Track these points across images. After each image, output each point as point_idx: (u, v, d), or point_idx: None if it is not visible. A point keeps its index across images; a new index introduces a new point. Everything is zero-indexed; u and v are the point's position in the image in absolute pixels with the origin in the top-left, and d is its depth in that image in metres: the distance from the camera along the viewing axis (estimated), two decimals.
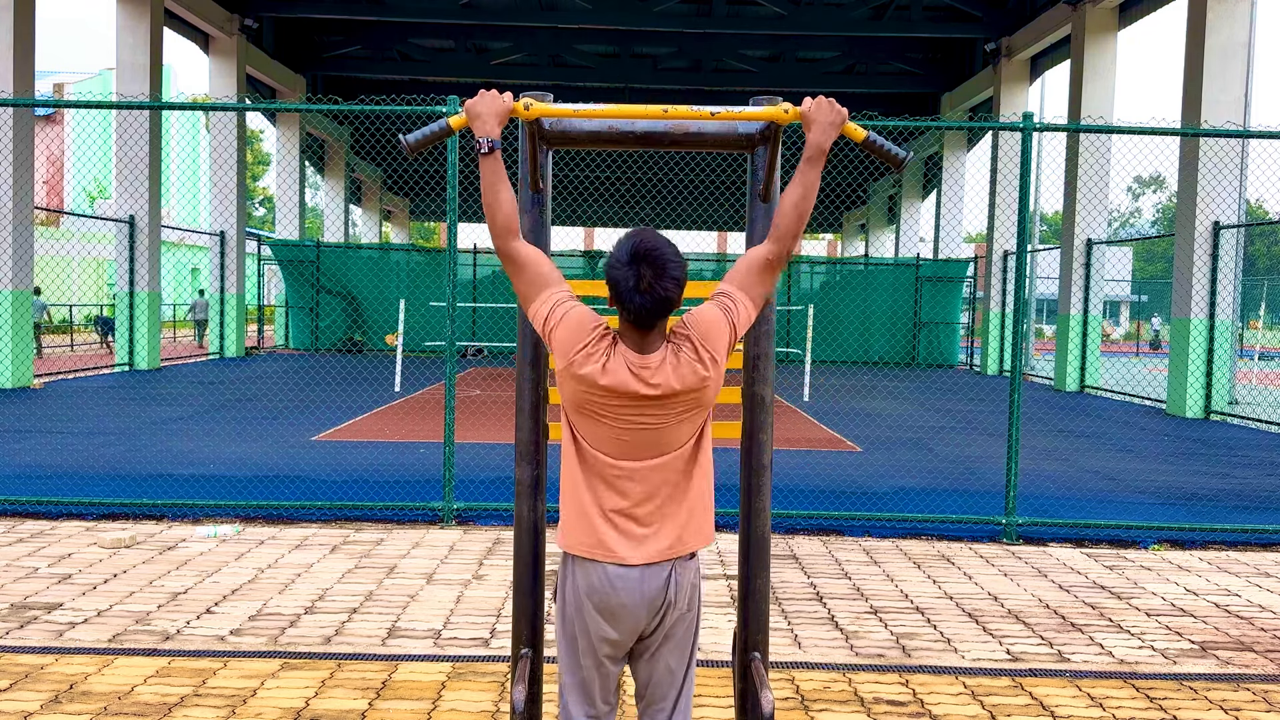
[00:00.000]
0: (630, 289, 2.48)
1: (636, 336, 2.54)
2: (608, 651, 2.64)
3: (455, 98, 5.93)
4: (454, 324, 6.26)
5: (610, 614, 2.59)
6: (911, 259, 24.44)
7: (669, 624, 2.63)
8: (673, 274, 2.51)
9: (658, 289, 2.48)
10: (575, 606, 2.63)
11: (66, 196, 49.18)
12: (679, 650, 2.69)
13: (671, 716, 2.74)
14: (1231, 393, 14.99)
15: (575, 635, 2.65)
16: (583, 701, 2.69)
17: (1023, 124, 6.31)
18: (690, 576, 2.63)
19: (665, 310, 2.51)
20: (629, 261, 2.50)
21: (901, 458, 9.17)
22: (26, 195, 13.78)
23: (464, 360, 22.08)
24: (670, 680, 2.71)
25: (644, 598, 2.58)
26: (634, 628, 2.62)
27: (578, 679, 2.68)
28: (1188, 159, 13.98)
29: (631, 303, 2.49)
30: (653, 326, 2.53)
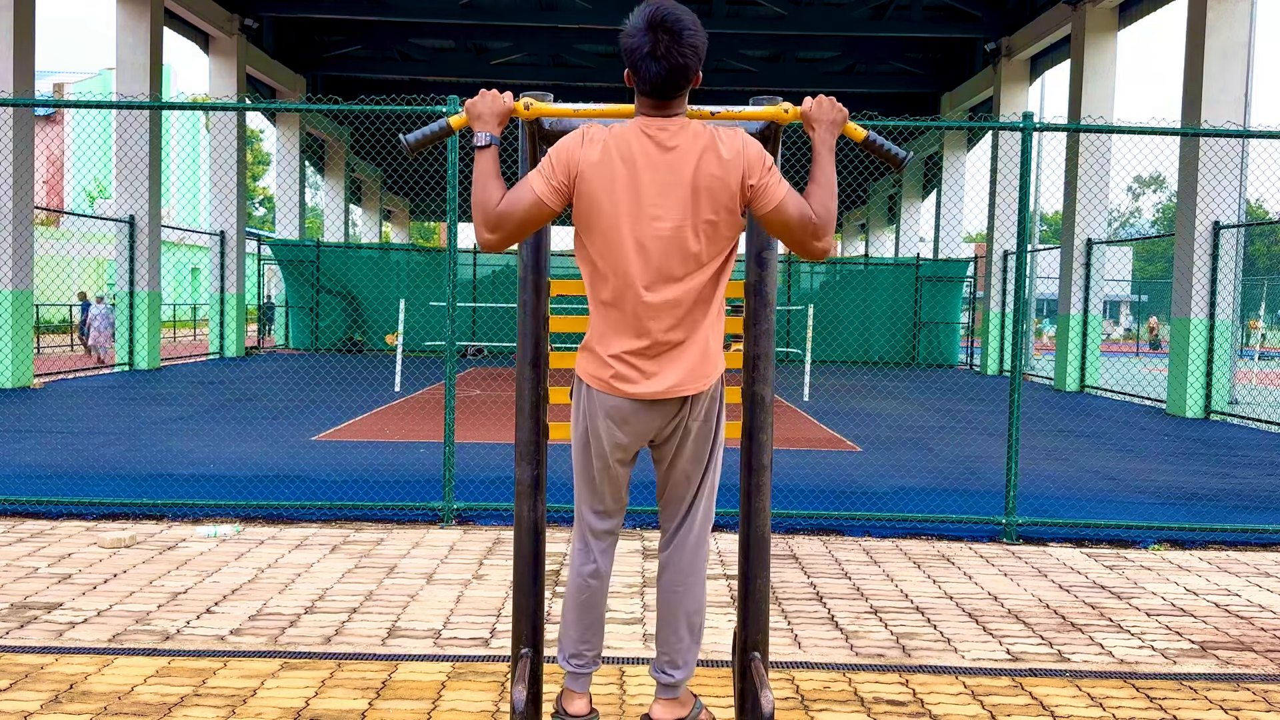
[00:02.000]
0: (645, 55, 2.42)
1: (654, 108, 2.48)
2: (618, 456, 2.71)
3: (455, 98, 5.92)
4: (454, 324, 6.26)
5: (622, 420, 2.65)
6: (911, 259, 24.44)
7: (681, 435, 2.68)
8: (690, 41, 2.44)
9: (674, 55, 2.41)
10: (588, 413, 2.69)
11: (66, 196, 49.17)
12: (694, 458, 2.74)
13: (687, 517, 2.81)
14: (1231, 393, 15.00)
15: (587, 438, 2.72)
16: (591, 498, 2.79)
17: (1023, 124, 6.31)
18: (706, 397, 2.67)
19: (683, 78, 2.44)
20: (645, 28, 2.43)
21: (901, 458, 9.17)
22: (26, 195, 13.77)
23: (464, 360, 22.08)
24: (686, 484, 2.78)
25: (657, 416, 2.64)
26: (644, 432, 2.68)
27: (588, 477, 2.77)
28: (1188, 159, 13.97)
29: (648, 70, 2.43)
30: (671, 96, 2.46)
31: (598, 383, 2.62)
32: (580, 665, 2.87)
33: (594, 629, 2.88)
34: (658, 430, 2.67)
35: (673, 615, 2.85)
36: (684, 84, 2.45)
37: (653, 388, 2.59)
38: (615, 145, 2.48)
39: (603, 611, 2.89)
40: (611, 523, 2.84)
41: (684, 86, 2.46)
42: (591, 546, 2.84)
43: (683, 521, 2.82)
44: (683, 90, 2.47)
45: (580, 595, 2.84)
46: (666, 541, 2.87)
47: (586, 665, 2.89)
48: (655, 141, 2.45)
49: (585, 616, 2.85)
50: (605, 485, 2.75)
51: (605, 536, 2.84)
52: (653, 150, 2.46)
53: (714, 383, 2.70)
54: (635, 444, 2.69)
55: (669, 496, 2.79)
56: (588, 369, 2.66)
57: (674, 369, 2.61)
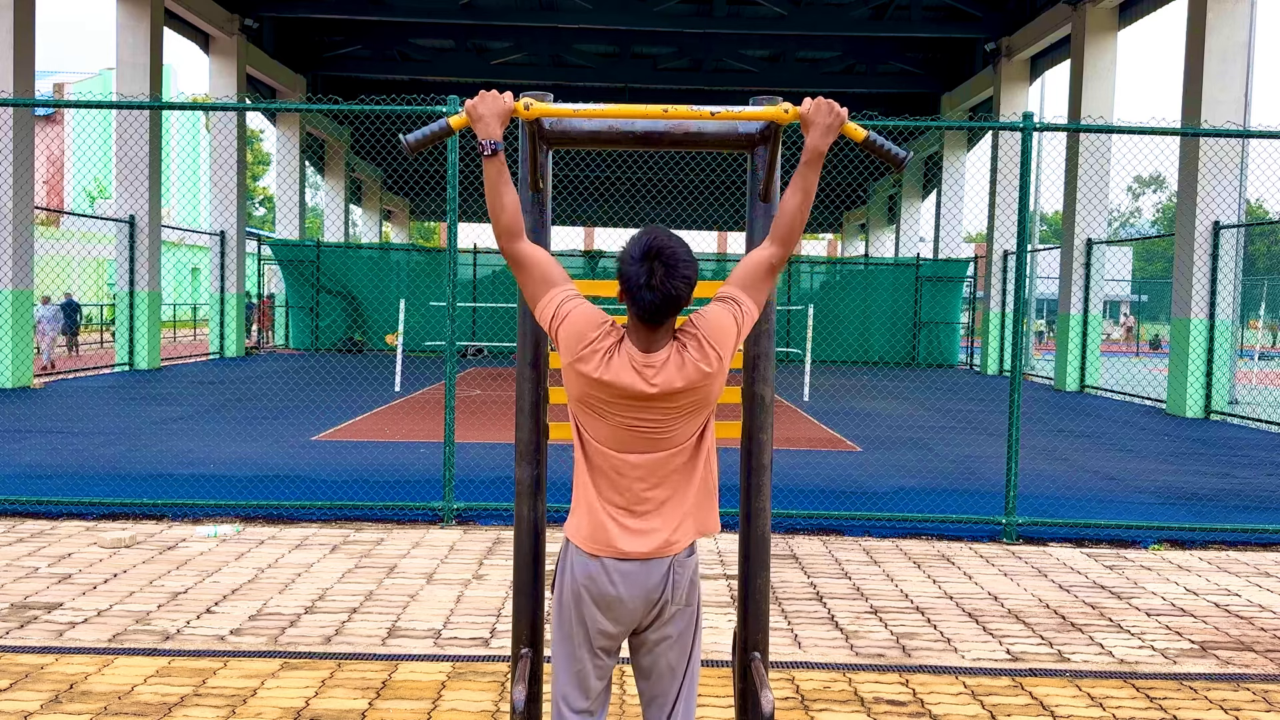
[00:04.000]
0: (641, 285, 2.49)
1: (644, 333, 2.55)
2: (603, 644, 2.65)
3: (455, 98, 5.92)
4: (454, 324, 6.26)
5: (607, 605, 2.60)
6: (911, 259, 24.44)
7: (666, 618, 2.64)
8: (683, 273, 2.52)
9: (668, 286, 2.49)
10: (573, 596, 2.63)
11: (66, 196, 49.18)
12: (679, 647, 2.69)
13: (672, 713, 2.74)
14: (1231, 393, 15.00)
15: (571, 626, 2.66)
16: (577, 693, 2.70)
17: (1023, 124, 6.31)
18: (688, 573, 2.64)
19: (674, 308, 2.52)
20: (641, 258, 2.51)
21: (901, 458, 9.17)
22: (26, 195, 13.78)
23: (464, 360, 22.07)
24: (671, 677, 2.71)
25: (641, 590, 2.59)
26: (630, 620, 2.63)
27: (572, 670, 2.69)
28: (1188, 159, 13.98)
29: (641, 299, 2.50)
30: (661, 324, 2.54)
31: (586, 541, 2.61)
32: None
33: None
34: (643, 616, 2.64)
35: None
36: (675, 312, 2.56)
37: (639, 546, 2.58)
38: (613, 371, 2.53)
39: None
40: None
41: (675, 313, 2.55)
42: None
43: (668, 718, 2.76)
44: (673, 316, 2.56)
45: None
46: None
47: None
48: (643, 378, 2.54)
49: None
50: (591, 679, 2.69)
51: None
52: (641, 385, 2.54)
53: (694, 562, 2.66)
54: (622, 633, 2.66)
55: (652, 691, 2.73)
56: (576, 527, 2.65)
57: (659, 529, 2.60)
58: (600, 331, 2.56)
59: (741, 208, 34.05)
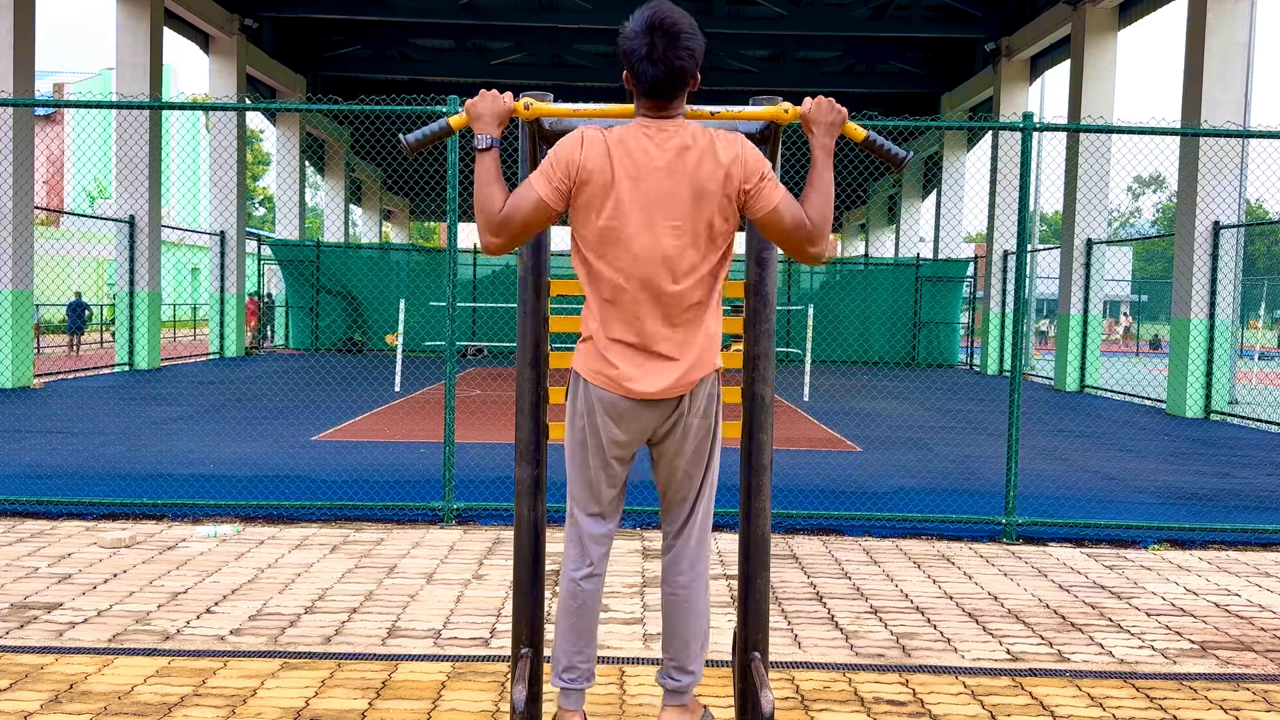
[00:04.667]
0: (643, 58, 2.44)
1: (652, 109, 2.50)
2: (616, 453, 2.66)
3: (455, 98, 5.92)
4: (454, 324, 6.26)
5: (619, 417, 2.61)
6: (911, 259, 24.44)
7: (680, 432, 2.65)
8: (686, 44, 2.47)
9: (671, 58, 2.44)
10: (585, 408, 2.65)
11: (66, 196, 49.18)
12: (695, 456, 2.71)
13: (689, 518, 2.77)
14: (1231, 393, 14.99)
15: (584, 436, 2.67)
16: (588, 500, 2.73)
17: (1023, 124, 6.31)
18: (706, 388, 2.65)
19: (680, 81, 2.46)
20: (643, 31, 2.46)
21: (901, 458, 9.17)
22: (26, 195, 13.78)
23: (464, 360, 22.08)
24: (688, 484, 2.74)
25: (657, 407, 2.61)
26: (643, 429, 2.65)
27: (585, 478, 2.71)
28: (1188, 159, 13.97)
29: (645, 73, 2.45)
30: (669, 98, 2.48)
31: (596, 378, 2.61)
32: (573, 680, 2.82)
33: (588, 639, 2.83)
34: (657, 427, 2.65)
35: (679, 620, 2.82)
36: (681, 86, 2.47)
37: (651, 386, 2.58)
38: (614, 146, 2.49)
39: (597, 619, 2.85)
40: (608, 526, 2.81)
41: (681, 89, 2.47)
42: (588, 551, 2.79)
43: (685, 523, 2.80)
44: (680, 92, 2.49)
45: (574, 602, 2.79)
46: (670, 544, 2.84)
47: (580, 680, 2.83)
48: (654, 142, 2.47)
49: (580, 624, 2.80)
50: (602, 485, 2.72)
51: (602, 541, 2.79)
52: (651, 150, 2.48)
53: (711, 379, 2.69)
54: (635, 441, 2.67)
55: (671, 498, 2.77)
56: (586, 364, 2.65)
57: (672, 366, 2.60)
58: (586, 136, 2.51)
59: None
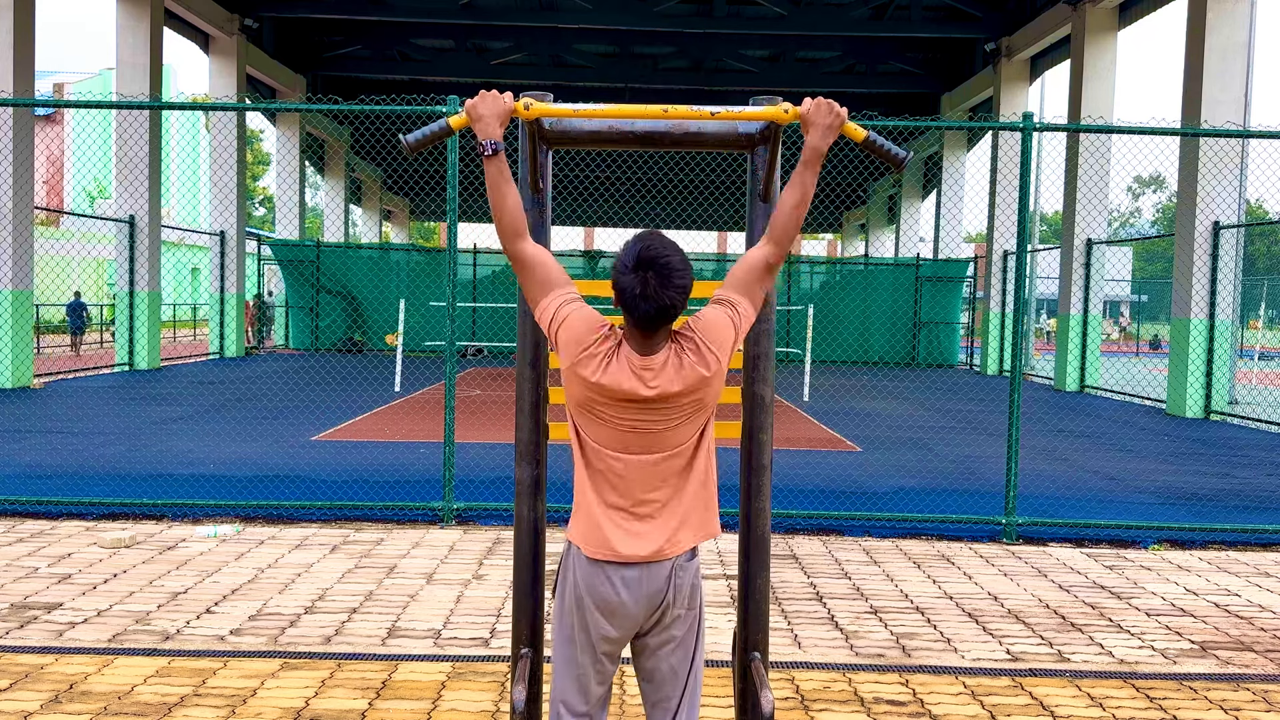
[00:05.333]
0: (635, 296, 2.49)
1: (641, 339, 2.55)
2: (605, 649, 2.65)
3: (455, 98, 5.92)
4: (454, 324, 6.26)
5: (609, 611, 2.60)
6: (911, 259, 24.44)
7: (668, 622, 2.64)
8: (678, 282, 2.51)
9: (663, 297, 2.48)
10: (574, 602, 2.63)
11: (66, 196, 49.17)
12: (681, 650, 2.69)
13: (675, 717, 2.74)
14: (1231, 393, 14.99)
15: (574, 631, 2.65)
16: (578, 697, 2.70)
17: (1023, 124, 6.31)
18: (690, 577, 2.64)
19: (669, 317, 2.52)
20: (634, 268, 2.50)
21: (901, 458, 9.17)
22: (26, 195, 13.78)
23: (464, 360, 22.08)
24: (674, 680, 2.70)
25: (643, 595, 2.59)
26: (632, 625, 2.63)
27: (573, 674, 2.68)
28: (1188, 159, 13.97)
29: (636, 309, 2.50)
30: (657, 330, 2.54)
31: (587, 545, 2.60)
32: None
33: None
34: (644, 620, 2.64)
35: None
36: (670, 320, 2.54)
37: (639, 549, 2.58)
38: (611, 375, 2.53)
39: None
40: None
41: (670, 321, 2.54)
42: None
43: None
44: (669, 324, 2.55)
45: None
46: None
47: None
48: (641, 381, 2.53)
49: None
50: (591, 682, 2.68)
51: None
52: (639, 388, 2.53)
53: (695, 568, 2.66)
54: (624, 636, 2.65)
55: (655, 695, 2.73)
56: (577, 531, 2.65)
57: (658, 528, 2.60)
58: (599, 335, 2.56)
59: (741, 208, 34.00)
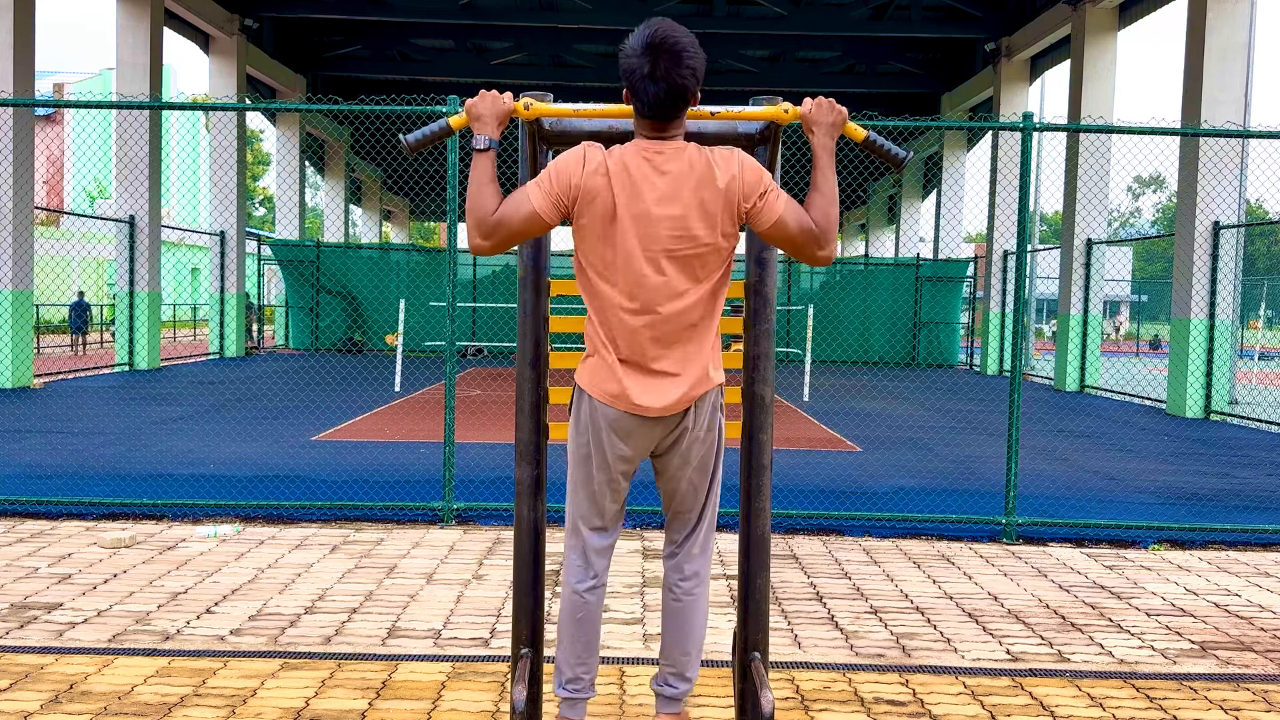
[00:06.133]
0: (645, 77, 2.42)
1: (652, 128, 2.48)
2: (621, 468, 2.67)
3: (455, 98, 5.93)
4: (454, 324, 6.26)
5: (625, 433, 2.62)
6: (911, 259, 24.44)
7: (686, 444, 2.65)
8: (689, 63, 2.44)
9: (673, 77, 2.41)
10: (590, 423, 2.64)
11: (66, 196, 49.17)
12: (700, 469, 2.72)
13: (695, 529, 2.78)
14: (1231, 393, 14.99)
15: (589, 451, 2.67)
16: (592, 514, 2.73)
17: (1023, 124, 6.31)
18: (709, 401, 2.65)
19: (681, 100, 2.44)
20: (644, 50, 2.43)
21: (901, 458, 9.17)
22: (26, 195, 13.78)
23: (464, 360, 22.07)
24: (693, 496, 2.75)
25: (661, 421, 2.62)
26: (648, 443, 2.65)
27: (589, 492, 2.71)
28: (1188, 159, 13.97)
29: (646, 92, 2.43)
30: (669, 118, 2.46)
31: (601, 394, 2.60)
32: (577, 690, 2.83)
33: (592, 649, 2.84)
34: (661, 440, 2.65)
35: (680, 627, 2.83)
36: (682, 105, 2.46)
37: (655, 402, 2.58)
38: (614, 168, 2.49)
39: (599, 628, 2.86)
40: (611, 538, 2.81)
41: (682, 108, 2.46)
42: (591, 563, 2.79)
43: (691, 533, 2.80)
44: (681, 111, 2.48)
45: (577, 613, 2.80)
46: (673, 552, 2.84)
47: (583, 690, 2.84)
48: (653, 166, 2.46)
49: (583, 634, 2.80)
50: (606, 499, 2.71)
51: (605, 553, 2.81)
52: (651, 175, 2.47)
53: (714, 393, 2.69)
54: (639, 455, 2.67)
55: (676, 508, 2.77)
56: (590, 380, 2.64)
57: (674, 383, 2.60)
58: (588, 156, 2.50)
59: None
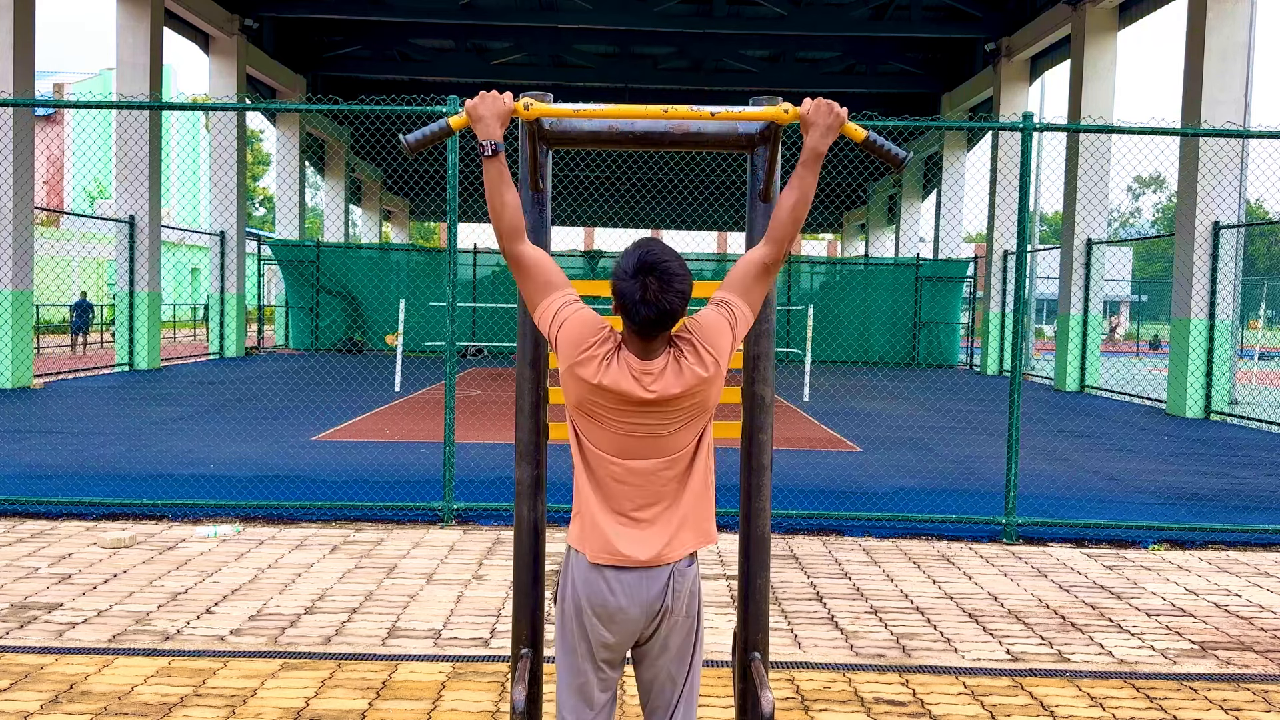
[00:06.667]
0: (636, 301, 2.50)
1: (640, 344, 2.56)
2: (605, 656, 2.66)
3: (455, 98, 5.93)
4: (454, 324, 6.26)
5: (608, 618, 2.61)
6: (911, 259, 24.44)
7: (666, 631, 2.65)
8: (678, 287, 2.53)
9: (663, 301, 2.50)
10: (574, 610, 2.64)
11: (66, 196, 49.17)
12: (679, 658, 2.70)
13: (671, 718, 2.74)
14: (1231, 393, 14.99)
15: (575, 639, 2.66)
16: (581, 705, 2.71)
17: (1023, 124, 6.31)
18: (689, 583, 2.65)
19: (669, 322, 2.54)
20: (634, 273, 2.52)
21: (901, 458, 9.17)
22: (26, 195, 13.77)
23: (464, 360, 22.08)
24: (671, 687, 2.72)
25: (642, 601, 2.60)
26: (631, 632, 2.63)
27: (576, 682, 2.70)
28: (1188, 159, 13.97)
29: (637, 314, 2.51)
30: (656, 335, 2.55)
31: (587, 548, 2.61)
32: None
33: None
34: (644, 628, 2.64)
35: None
36: (670, 325, 2.56)
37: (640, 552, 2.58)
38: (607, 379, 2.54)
39: None
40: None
41: (670, 326, 2.55)
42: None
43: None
44: (669, 329, 2.56)
45: None
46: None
47: None
48: (641, 385, 2.54)
49: None
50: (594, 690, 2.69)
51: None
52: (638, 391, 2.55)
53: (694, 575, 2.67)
54: (623, 644, 2.66)
55: (652, 703, 2.75)
56: (577, 534, 2.66)
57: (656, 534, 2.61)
58: (599, 337, 2.56)
59: (741, 208, 33.98)
